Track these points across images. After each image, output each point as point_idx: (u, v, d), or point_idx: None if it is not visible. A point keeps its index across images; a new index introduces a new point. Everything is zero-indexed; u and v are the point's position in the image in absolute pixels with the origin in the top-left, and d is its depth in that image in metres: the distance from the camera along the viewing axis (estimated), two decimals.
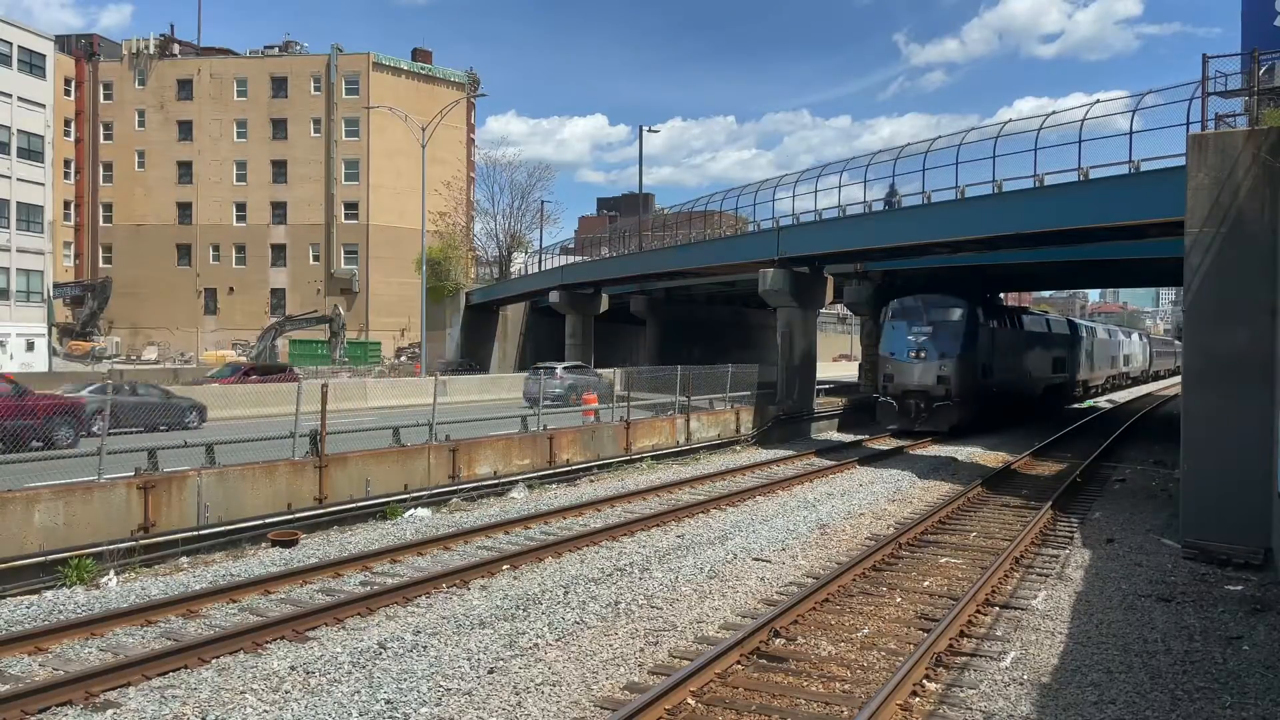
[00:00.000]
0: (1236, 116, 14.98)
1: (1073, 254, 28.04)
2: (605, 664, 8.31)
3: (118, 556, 11.38)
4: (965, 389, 27.70)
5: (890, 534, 13.75)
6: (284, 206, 72.16)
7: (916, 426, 27.69)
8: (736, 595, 10.65)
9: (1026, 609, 10.29)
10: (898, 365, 28.15)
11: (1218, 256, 13.21)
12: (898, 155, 25.35)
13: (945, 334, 27.66)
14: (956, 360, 27.40)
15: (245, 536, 12.97)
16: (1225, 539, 12.68)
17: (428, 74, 74.75)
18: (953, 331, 27.71)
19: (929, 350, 27.61)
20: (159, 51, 74.32)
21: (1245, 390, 12.87)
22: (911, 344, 27.98)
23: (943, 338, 27.62)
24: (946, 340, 27.60)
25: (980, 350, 28.67)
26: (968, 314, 28.14)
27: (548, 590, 10.49)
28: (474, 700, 7.39)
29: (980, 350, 28.67)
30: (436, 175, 60.29)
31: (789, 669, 8.33)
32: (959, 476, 20.25)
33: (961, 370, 27.46)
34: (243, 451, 14.31)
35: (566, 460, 19.67)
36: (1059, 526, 14.92)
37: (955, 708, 7.51)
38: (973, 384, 28.18)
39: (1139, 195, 18.31)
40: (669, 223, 42.40)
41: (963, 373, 27.52)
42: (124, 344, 68.56)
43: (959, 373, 27.36)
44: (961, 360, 27.49)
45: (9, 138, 52.80)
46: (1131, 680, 8.16)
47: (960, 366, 27.46)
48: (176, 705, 7.18)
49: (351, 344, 61.68)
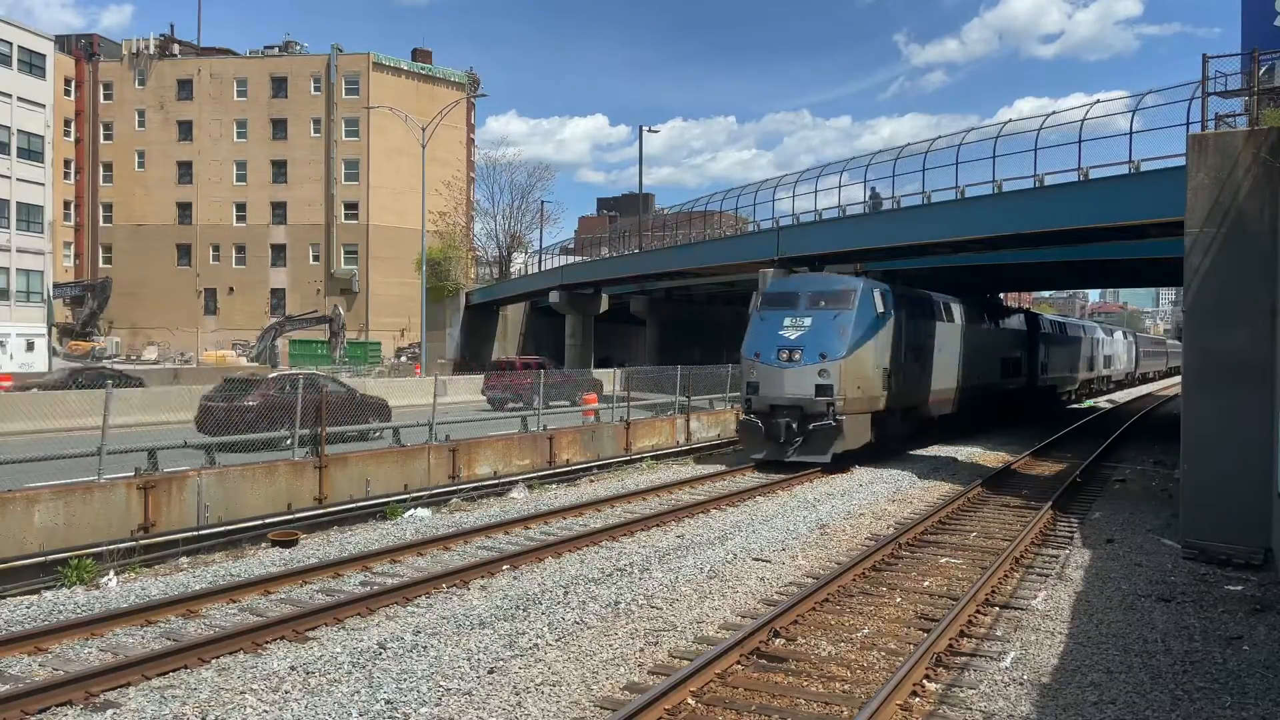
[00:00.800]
0: (1236, 116, 14.99)
1: (1073, 254, 28.02)
2: (605, 664, 8.30)
3: (118, 556, 11.38)
4: (858, 401, 20.31)
5: (890, 534, 13.75)
6: (284, 206, 72.18)
7: (789, 456, 19.90)
8: (736, 595, 10.65)
9: (1026, 609, 10.29)
10: (764, 371, 20.44)
11: (1218, 256, 13.20)
12: (898, 155, 25.36)
13: (830, 327, 20.25)
14: (844, 362, 19.81)
15: (245, 536, 12.98)
16: (1225, 539, 12.67)
17: (428, 74, 74.77)
18: (841, 323, 20.22)
19: (806, 349, 20.07)
20: (159, 51, 74.34)
21: (1245, 390, 12.86)
22: (783, 341, 20.43)
23: (826, 332, 20.21)
24: (831, 335, 20.13)
25: (883, 349, 21.36)
26: (864, 299, 20.78)
27: (548, 590, 10.49)
28: (474, 700, 7.39)
29: (883, 349, 21.36)
30: (436, 175, 60.32)
31: (789, 669, 8.33)
32: (959, 476, 20.25)
33: (852, 376, 20.00)
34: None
35: (566, 460, 19.68)
36: (1059, 526, 14.92)
37: (955, 708, 7.51)
38: (870, 394, 20.75)
39: (1139, 195, 18.32)
40: (669, 223, 42.44)
41: (854, 379, 20.07)
42: (124, 344, 68.60)
43: (848, 379, 19.86)
44: (852, 362, 20.02)
45: (9, 138, 52.80)
46: (1131, 680, 8.16)
47: (850, 371, 19.96)
48: (176, 705, 7.18)
49: (351, 344, 61.70)
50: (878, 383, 21.04)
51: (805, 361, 19.93)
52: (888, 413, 21.71)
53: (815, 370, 19.80)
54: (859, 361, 20.24)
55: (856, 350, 20.15)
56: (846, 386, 19.80)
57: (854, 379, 20.04)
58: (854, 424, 20.21)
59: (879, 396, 21.15)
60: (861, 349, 20.33)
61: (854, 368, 20.08)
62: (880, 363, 21.17)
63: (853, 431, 20.15)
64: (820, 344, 20.05)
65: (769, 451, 20.20)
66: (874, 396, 20.96)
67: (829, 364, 19.83)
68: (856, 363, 20.16)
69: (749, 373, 20.86)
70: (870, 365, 20.72)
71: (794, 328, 20.55)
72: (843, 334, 20.09)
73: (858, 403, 20.30)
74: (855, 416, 20.25)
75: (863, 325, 20.50)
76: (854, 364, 20.08)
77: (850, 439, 20.07)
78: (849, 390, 19.89)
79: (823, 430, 19.68)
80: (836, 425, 19.65)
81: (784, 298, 21.70)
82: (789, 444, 19.91)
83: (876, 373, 20.97)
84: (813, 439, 19.72)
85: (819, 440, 19.71)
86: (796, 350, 20.14)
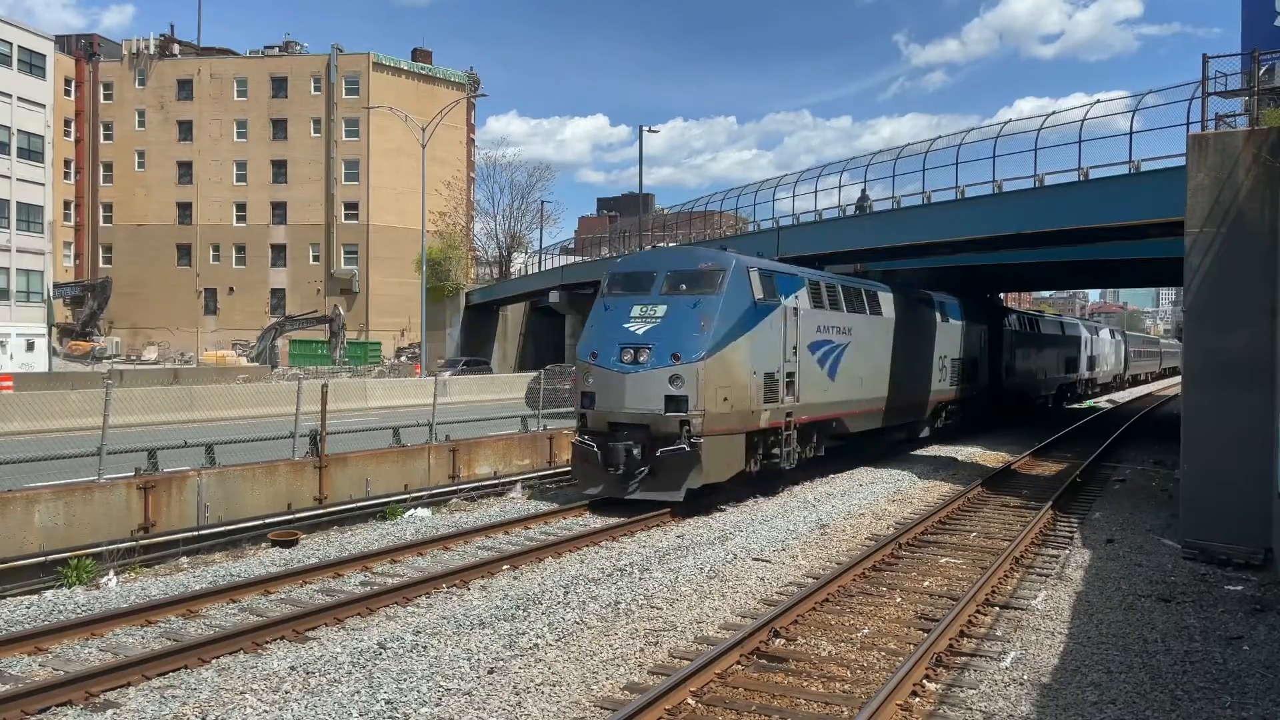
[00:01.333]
0: (1236, 116, 14.99)
1: (1073, 254, 28.02)
2: (605, 664, 8.31)
3: (118, 556, 11.39)
4: (726, 418, 15.30)
5: (890, 534, 13.75)
6: (284, 206, 72.19)
7: (630, 492, 14.95)
8: (736, 595, 10.65)
9: (1026, 609, 10.29)
10: (602, 378, 15.41)
11: (1218, 256, 13.20)
12: (898, 155, 25.35)
13: (688, 318, 15.31)
14: (705, 365, 14.86)
15: (245, 536, 12.98)
16: (1225, 539, 12.67)
17: (428, 74, 74.78)
18: (702, 313, 15.27)
19: (656, 347, 15.10)
20: (159, 51, 74.36)
21: (1245, 390, 12.86)
22: (627, 337, 15.45)
23: (682, 325, 15.26)
24: (688, 329, 15.16)
25: (765, 347, 16.37)
26: (735, 281, 15.79)
27: (548, 590, 10.49)
28: (474, 700, 7.39)
29: (765, 347, 16.37)
30: (437, 175, 60.36)
31: (789, 669, 8.33)
32: (959, 476, 20.25)
33: (717, 383, 15.04)
34: (243, 452, 14.32)
35: (567, 460, 19.67)
36: (1059, 526, 14.92)
37: (955, 708, 7.51)
38: (743, 408, 15.73)
39: (1139, 195, 18.31)
40: (669, 223, 42.40)
41: (720, 387, 15.11)
42: (124, 344, 68.60)
43: (710, 388, 14.91)
44: (717, 365, 15.04)
45: (9, 138, 52.82)
46: (1131, 680, 8.16)
47: (714, 376, 14.99)
48: (176, 705, 7.18)
49: (351, 344, 61.75)
50: (756, 392, 16.02)
51: (653, 364, 14.97)
52: (772, 432, 16.88)
53: (665, 376, 14.86)
54: (726, 364, 15.30)
55: (723, 349, 15.21)
56: (708, 397, 14.87)
57: (719, 387, 15.10)
58: (718, 448, 15.14)
59: (758, 411, 16.15)
60: (730, 347, 15.39)
61: (719, 372, 15.12)
62: (761, 365, 16.21)
63: (716, 458, 15.14)
64: (674, 341, 15.06)
65: (605, 487, 15.18)
66: (750, 411, 15.91)
67: (683, 368, 14.82)
68: (722, 366, 15.21)
69: (584, 379, 15.76)
70: (744, 369, 15.71)
71: (643, 319, 15.54)
72: (704, 327, 15.07)
73: (725, 419, 15.26)
74: (721, 438, 15.22)
75: (733, 315, 15.53)
76: (719, 367, 15.12)
77: (713, 468, 15.07)
78: (712, 402, 14.96)
79: (674, 458, 14.66)
80: (692, 451, 14.66)
81: (636, 279, 16.46)
82: (631, 476, 14.91)
83: (755, 379, 16.01)
84: (661, 470, 14.76)
85: (668, 471, 14.71)
86: (643, 349, 15.12)
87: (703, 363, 14.90)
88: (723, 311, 15.37)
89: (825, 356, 18.74)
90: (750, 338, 15.93)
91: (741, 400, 15.69)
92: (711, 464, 15.05)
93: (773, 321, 16.61)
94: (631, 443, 14.90)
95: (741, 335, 15.72)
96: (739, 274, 15.97)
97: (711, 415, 14.98)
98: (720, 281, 15.67)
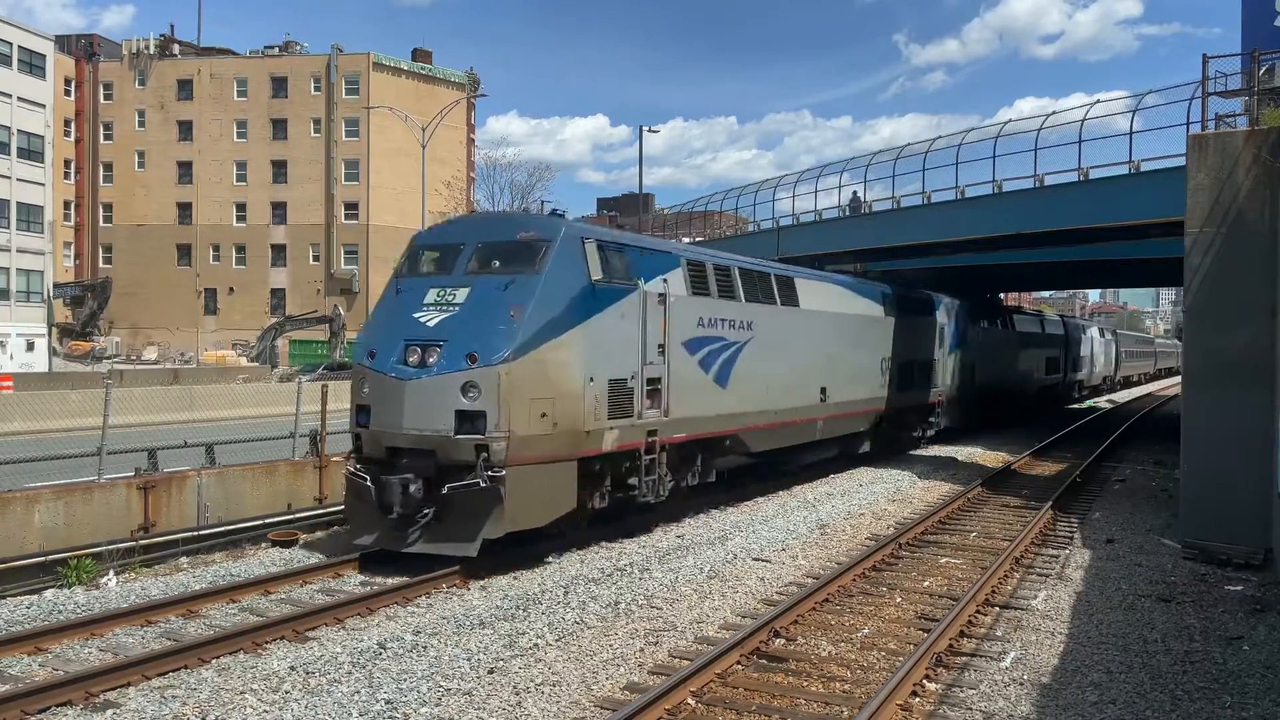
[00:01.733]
0: (1236, 116, 15.01)
1: (1073, 254, 28.03)
2: (605, 664, 8.31)
3: (118, 556, 11.38)
4: (544, 441, 11.37)
5: (890, 534, 13.75)
6: (284, 206, 72.17)
7: (410, 544, 11.06)
8: (736, 595, 10.65)
9: (1026, 609, 10.29)
10: (378, 384, 11.48)
11: (1218, 256, 13.21)
12: (898, 155, 25.38)
13: (495, 305, 11.42)
14: (511, 369, 11.01)
15: (245, 536, 12.97)
16: (1225, 539, 12.68)
17: (428, 74, 74.77)
18: (514, 298, 11.39)
19: (449, 344, 11.23)
20: (159, 51, 74.35)
21: (1245, 390, 12.86)
22: (415, 331, 11.55)
23: (487, 314, 11.40)
24: (493, 320, 11.31)
25: (608, 343, 12.34)
26: (564, 256, 11.93)
27: (547, 590, 10.49)
28: (474, 700, 7.39)
29: (608, 343, 12.34)
30: (437, 175, 60.30)
31: (789, 669, 8.34)
32: (959, 476, 20.25)
33: (529, 392, 11.20)
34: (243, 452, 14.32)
35: None
36: (1059, 526, 14.92)
37: (955, 708, 7.52)
38: (573, 425, 11.72)
39: (1139, 195, 18.32)
40: (669, 223, 42.40)
41: (535, 398, 11.25)
42: (124, 344, 68.60)
43: (520, 400, 11.09)
44: (529, 368, 11.20)
45: (9, 138, 52.83)
46: (1131, 680, 8.16)
47: (526, 384, 11.16)
48: (176, 705, 7.18)
49: (352, 344, 61.67)
50: (595, 404, 11.86)
51: (441, 368, 10.99)
52: (627, 457, 12.70)
53: (457, 384, 10.87)
54: (545, 367, 11.25)
55: (539, 347, 11.15)
56: (516, 413, 10.91)
57: (534, 399, 11.10)
58: (533, 482, 11.10)
59: (599, 430, 11.95)
60: (551, 345, 11.31)
61: (533, 379, 11.11)
62: (603, 369, 12.03)
63: (530, 495, 11.10)
64: (472, 336, 11.03)
65: (380, 535, 11.21)
66: (584, 431, 11.74)
67: (481, 372, 10.79)
68: (539, 369, 11.17)
69: (359, 388, 11.69)
70: (574, 373, 11.62)
71: (439, 307, 11.49)
72: (514, 317, 11.08)
73: (542, 442, 11.20)
74: (537, 468, 11.14)
75: (557, 301, 11.47)
76: (533, 371, 11.10)
77: (524, 509, 11.06)
78: (522, 419, 10.97)
79: (466, 498, 10.72)
80: (492, 486, 10.67)
81: (439, 253, 12.48)
82: (411, 521, 10.93)
83: (593, 387, 11.83)
84: (449, 513, 10.86)
85: (459, 516, 10.83)
86: (433, 348, 11.12)
87: (507, 365, 10.77)
88: (542, 296, 11.27)
89: (713, 357, 14.62)
90: (584, 332, 11.72)
91: (570, 416, 11.52)
92: (522, 504, 10.96)
93: (623, 310, 12.47)
94: (411, 475, 10.82)
95: (571, 328, 11.55)
96: (569, 247, 11.86)
97: (520, 437, 10.88)
98: (542, 256, 11.58)
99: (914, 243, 24.56)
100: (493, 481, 10.73)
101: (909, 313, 23.19)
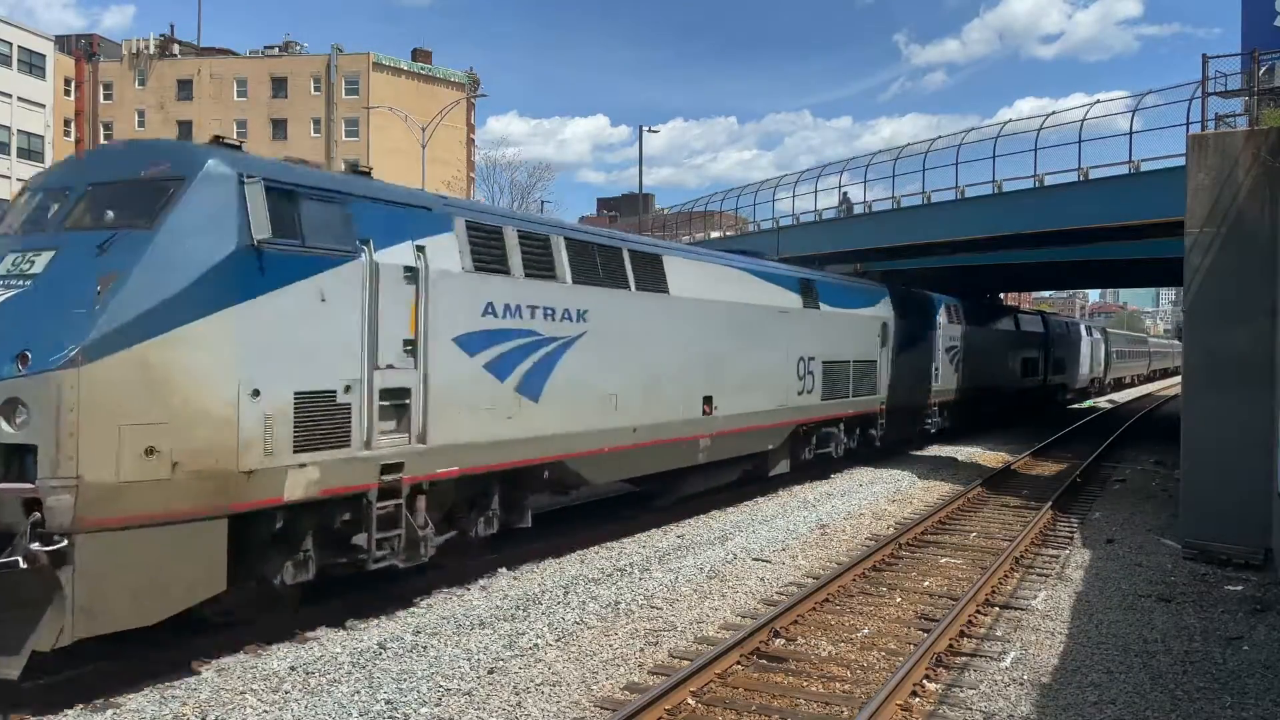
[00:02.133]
0: (1236, 116, 15.01)
1: (1073, 254, 28.02)
2: (605, 664, 8.31)
3: None
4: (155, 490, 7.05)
5: (890, 534, 13.75)
6: None
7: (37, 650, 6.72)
8: (736, 595, 10.65)
9: (1026, 609, 10.30)
10: None
11: (1218, 256, 13.21)
12: (898, 155, 25.41)
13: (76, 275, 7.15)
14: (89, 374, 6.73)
15: None
16: (1225, 539, 12.68)
17: (428, 74, 74.79)
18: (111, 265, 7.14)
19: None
20: (159, 52, 74.35)
21: (1245, 390, 12.87)
22: None
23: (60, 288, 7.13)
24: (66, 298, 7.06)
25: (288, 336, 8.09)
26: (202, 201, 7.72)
27: (547, 590, 10.49)
28: (474, 700, 7.39)
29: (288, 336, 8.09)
30: (437, 175, 60.29)
31: (789, 669, 8.34)
32: (959, 476, 20.25)
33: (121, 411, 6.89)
34: None
35: None
36: (1059, 526, 14.93)
37: (955, 708, 7.52)
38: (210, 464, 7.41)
39: (1139, 195, 18.34)
40: (669, 223, 42.43)
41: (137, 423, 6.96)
42: None
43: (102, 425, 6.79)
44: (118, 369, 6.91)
45: (9, 138, 52.88)
46: (1131, 680, 8.16)
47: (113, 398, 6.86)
48: (176, 705, 7.18)
49: None
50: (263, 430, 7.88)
51: None
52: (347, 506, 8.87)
53: None
54: (153, 374, 7.19)
55: (143, 342, 7.15)
56: (96, 446, 6.86)
57: (131, 424, 7.04)
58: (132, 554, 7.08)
59: (276, 468, 8.00)
60: (168, 339, 7.29)
61: (130, 392, 7.06)
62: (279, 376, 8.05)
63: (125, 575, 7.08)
64: (27, 325, 7.03)
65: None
66: (233, 471, 7.67)
67: (29, 382, 6.75)
68: (142, 376, 7.13)
69: None
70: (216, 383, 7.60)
71: (8, 279, 7.48)
72: (100, 293, 7.09)
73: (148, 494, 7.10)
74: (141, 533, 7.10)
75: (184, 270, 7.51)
76: (129, 380, 7.06)
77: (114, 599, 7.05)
78: (107, 457, 6.92)
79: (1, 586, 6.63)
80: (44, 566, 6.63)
81: (45, 199, 8.35)
82: None
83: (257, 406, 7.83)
84: None
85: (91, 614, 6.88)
86: None
87: (77, 370, 6.79)
88: (153, 261, 7.36)
89: (513, 359, 10.70)
90: (237, 319, 7.76)
91: (208, 450, 7.50)
92: (110, 591, 7.01)
93: (325, 288, 8.48)
94: None
95: (209, 314, 7.58)
96: (214, 189, 7.88)
97: (103, 486, 6.88)
98: (166, 202, 7.69)
99: (914, 243, 24.58)
100: (50, 559, 6.63)
101: (838, 304, 19.16)
